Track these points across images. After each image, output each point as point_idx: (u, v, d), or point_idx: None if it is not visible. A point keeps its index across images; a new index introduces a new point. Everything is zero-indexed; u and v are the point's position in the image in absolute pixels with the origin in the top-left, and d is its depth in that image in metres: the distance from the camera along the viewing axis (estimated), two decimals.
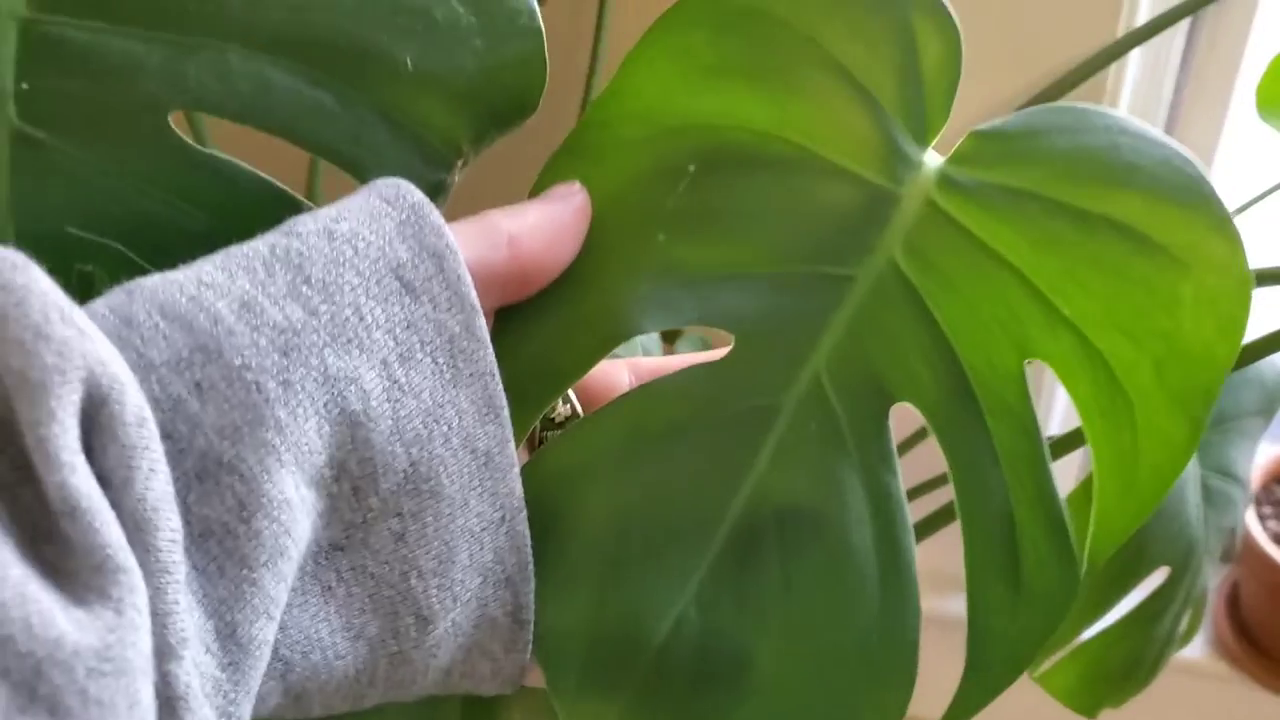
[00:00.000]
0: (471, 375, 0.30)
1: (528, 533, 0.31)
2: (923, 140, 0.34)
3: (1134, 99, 0.74)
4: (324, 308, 0.28)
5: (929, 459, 0.38)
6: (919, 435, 0.56)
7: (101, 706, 0.22)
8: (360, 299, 0.28)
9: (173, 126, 0.33)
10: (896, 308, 0.34)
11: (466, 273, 0.30)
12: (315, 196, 0.58)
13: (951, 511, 0.49)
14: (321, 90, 0.33)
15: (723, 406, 0.34)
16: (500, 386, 0.30)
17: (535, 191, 0.34)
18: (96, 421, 0.24)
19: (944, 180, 0.34)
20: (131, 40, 0.32)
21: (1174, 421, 0.33)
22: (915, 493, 0.54)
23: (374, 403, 0.28)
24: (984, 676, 0.34)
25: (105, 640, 0.22)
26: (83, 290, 0.26)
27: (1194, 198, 0.32)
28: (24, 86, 0.32)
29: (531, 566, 0.32)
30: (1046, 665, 0.56)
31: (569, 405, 0.36)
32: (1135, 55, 0.71)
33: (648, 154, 0.34)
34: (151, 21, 0.32)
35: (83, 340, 0.24)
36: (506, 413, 0.30)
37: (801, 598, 0.33)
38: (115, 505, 0.24)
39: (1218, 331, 0.32)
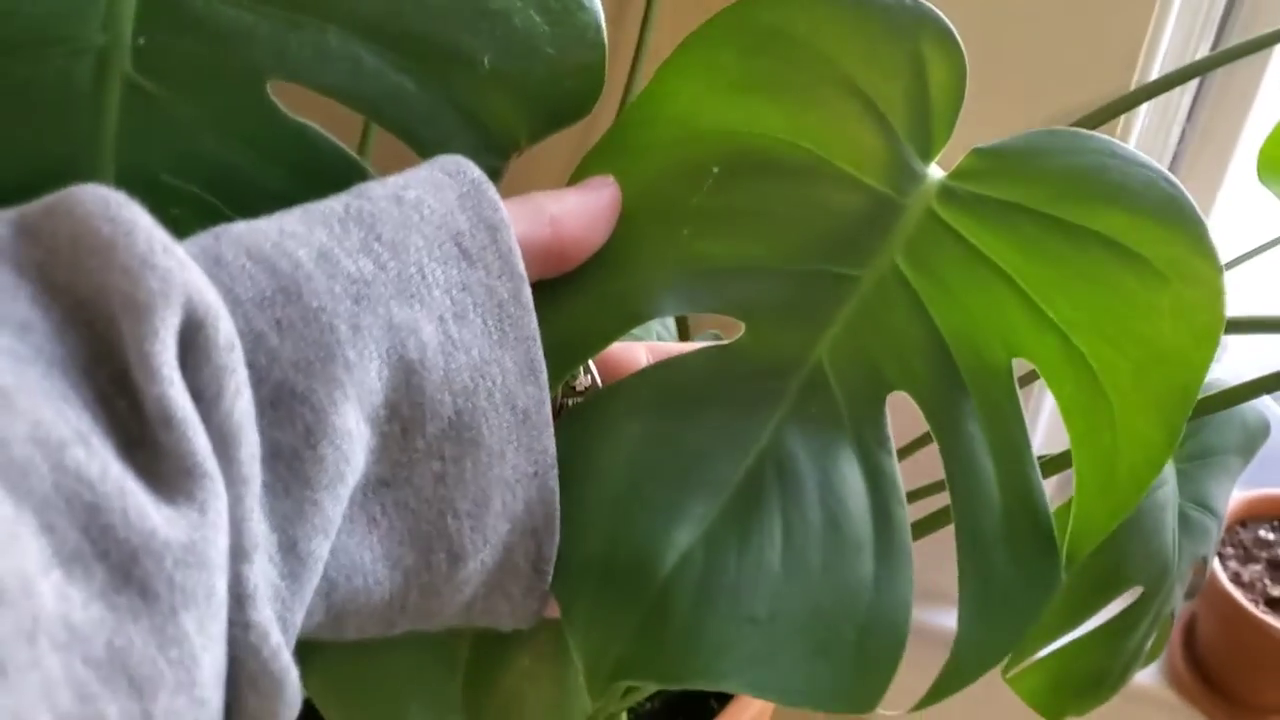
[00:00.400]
0: (516, 339, 0.32)
1: (557, 489, 0.34)
2: (927, 156, 0.37)
3: (1140, 149, 0.77)
4: (392, 264, 0.31)
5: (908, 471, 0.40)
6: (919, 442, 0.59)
7: (185, 594, 0.24)
8: (424, 259, 0.31)
9: (269, 92, 0.36)
10: (896, 306, 0.37)
11: (517, 245, 0.33)
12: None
13: (927, 524, 0.52)
14: (405, 76, 0.36)
15: (734, 385, 0.37)
16: (541, 351, 0.33)
17: (573, 181, 0.37)
18: (193, 343, 0.26)
19: (945, 192, 0.37)
20: (243, 10, 0.35)
21: (1151, 424, 0.36)
22: None
23: (429, 354, 0.31)
24: (969, 658, 0.36)
25: (191, 537, 0.25)
26: (169, 231, 0.29)
27: (1175, 216, 0.35)
28: (141, 41, 0.35)
29: (558, 521, 0.34)
30: (1018, 669, 0.59)
31: (590, 376, 0.39)
32: (1145, 108, 0.75)
33: (676, 155, 0.37)
34: None
35: (184, 270, 0.26)
36: (545, 376, 0.33)
37: (799, 550, 0.35)
38: (204, 419, 0.26)
39: (1193, 339, 0.35)
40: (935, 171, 0.38)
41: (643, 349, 0.40)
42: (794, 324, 0.37)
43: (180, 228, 0.28)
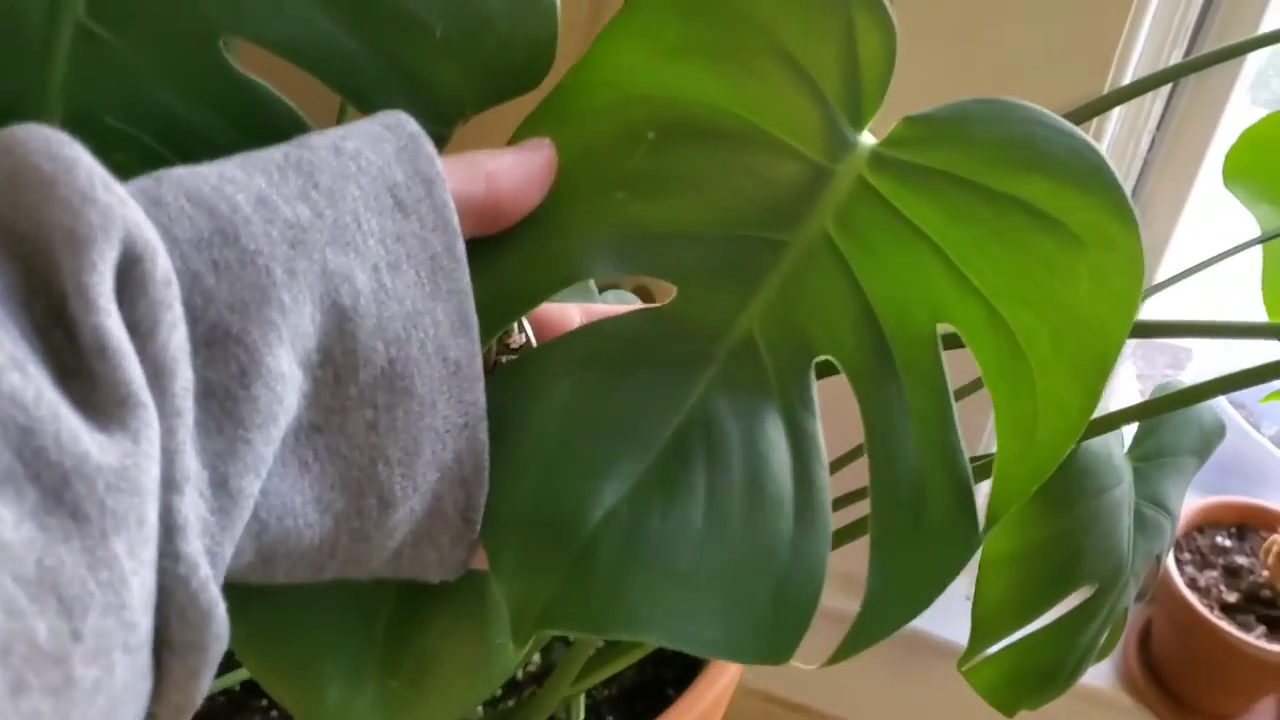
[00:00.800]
0: (449, 291, 0.33)
1: (487, 441, 0.34)
2: (859, 124, 0.38)
3: (1111, 153, 0.78)
4: (328, 212, 0.31)
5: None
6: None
7: (116, 518, 0.25)
8: (359, 209, 0.32)
9: (221, 47, 0.36)
10: (825, 272, 0.38)
11: (451, 200, 0.33)
12: None
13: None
14: (357, 39, 0.37)
15: (665, 347, 0.37)
16: (473, 305, 0.33)
17: (512, 142, 0.38)
18: (130, 277, 0.27)
19: (875, 160, 0.38)
20: None
21: (1070, 389, 0.36)
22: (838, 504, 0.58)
23: (363, 301, 0.31)
24: (880, 614, 0.37)
25: (123, 463, 0.25)
26: (112, 173, 0.29)
27: (1096, 183, 0.36)
28: None
29: (486, 472, 0.35)
30: (973, 662, 0.58)
31: (524, 335, 0.40)
32: (1117, 112, 0.75)
33: (613, 119, 0.38)
34: None
35: (123, 207, 0.27)
36: (477, 330, 0.34)
37: (722, 508, 0.36)
38: (139, 351, 0.26)
39: (1111, 305, 0.36)
40: (867, 139, 0.38)
41: (576, 309, 0.41)
42: (725, 288, 0.38)
43: (124, 172, 0.29)
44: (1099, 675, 1.01)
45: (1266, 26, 0.75)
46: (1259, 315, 0.75)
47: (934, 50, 0.71)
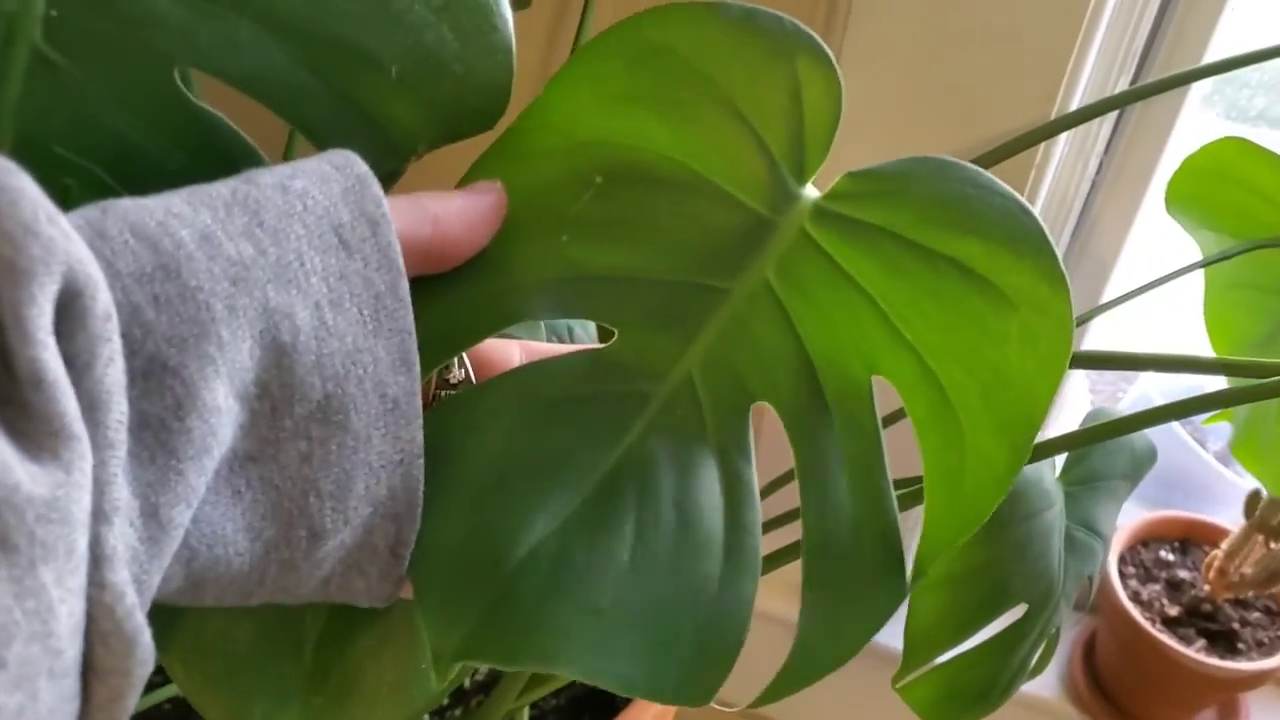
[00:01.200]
0: (391, 330, 0.34)
1: (422, 478, 0.35)
2: (802, 176, 0.39)
3: (1058, 176, 0.79)
4: (272, 250, 0.32)
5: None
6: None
7: (45, 548, 0.25)
8: (303, 247, 0.32)
9: (176, 77, 0.36)
10: (765, 320, 0.38)
11: (396, 240, 0.34)
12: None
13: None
14: (313, 75, 0.37)
15: (603, 388, 0.38)
16: (414, 344, 0.34)
17: (462, 184, 0.39)
18: (70, 311, 0.27)
19: (817, 213, 0.39)
20: None
21: (997, 446, 0.37)
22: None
23: (302, 338, 0.32)
24: (809, 658, 0.38)
25: (55, 493, 0.25)
26: (59, 202, 0.29)
27: (1027, 246, 0.37)
28: (52, 13, 0.35)
29: (420, 509, 0.35)
30: (908, 679, 0.60)
31: (464, 371, 0.40)
32: (1064, 138, 0.77)
33: (561, 163, 0.39)
34: None
35: (66, 241, 0.27)
36: (418, 368, 0.34)
37: (649, 548, 0.36)
38: (75, 384, 0.27)
39: (1039, 366, 0.37)
40: (810, 192, 0.39)
41: (516, 347, 0.42)
42: (664, 333, 0.38)
43: (74, 199, 0.29)
44: (1045, 686, 1.03)
45: (1211, 54, 0.76)
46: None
47: (884, 79, 0.72)
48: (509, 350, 0.41)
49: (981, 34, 0.69)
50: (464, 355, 0.40)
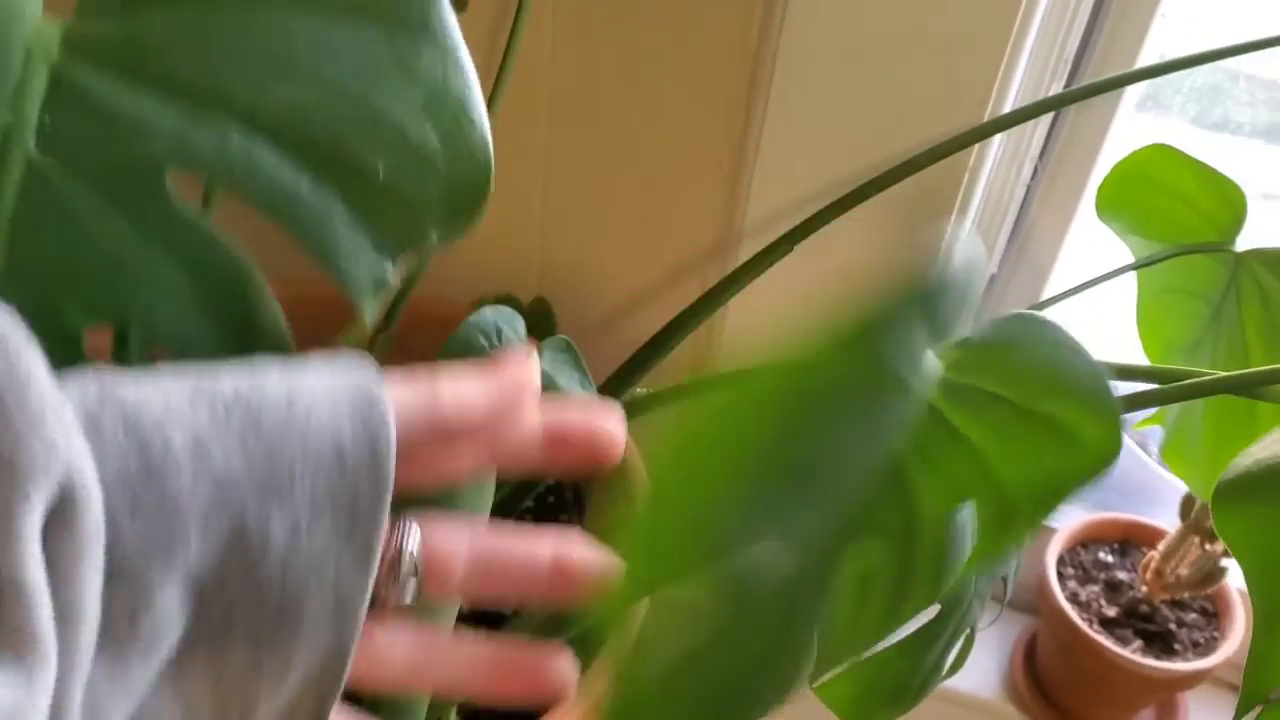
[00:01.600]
0: (361, 540, 0.33)
1: (352, 657, 0.34)
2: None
3: (993, 179, 0.80)
4: (262, 464, 0.31)
5: None
6: None
7: None
8: (296, 465, 0.32)
9: (169, 183, 0.36)
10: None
11: (393, 468, 0.33)
12: None
13: None
14: (303, 177, 0.37)
15: None
16: (380, 544, 0.33)
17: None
18: (60, 515, 0.27)
19: (945, 386, 0.41)
20: (148, 101, 0.36)
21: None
22: None
23: (272, 555, 0.32)
24: None
25: (18, 700, 0.25)
26: (50, 317, 0.29)
27: (1106, 405, 0.40)
28: (47, 121, 0.35)
29: (343, 683, 0.35)
30: (824, 678, 0.61)
31: (411, 557, 0.38)
32: (998, 141, 0.77)
33: None
34: (168, 89, 0.36)
35: (68, 445, 0.27)
36: (376, 572, 0.34)
37: None
38: (53, 590, 0.27)
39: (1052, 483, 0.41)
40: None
41: (466, 533, 0.39)
42: None
43: (71, 324, 0.29)
44: (985, 686, 1.04)
45: (1144, 59, 0.77)
46: None
47: (819, 83, 0.73)
48: (457, 537, 0.39)
49: (915, 38, 0.69)
50: (414, 538, 0.38)
